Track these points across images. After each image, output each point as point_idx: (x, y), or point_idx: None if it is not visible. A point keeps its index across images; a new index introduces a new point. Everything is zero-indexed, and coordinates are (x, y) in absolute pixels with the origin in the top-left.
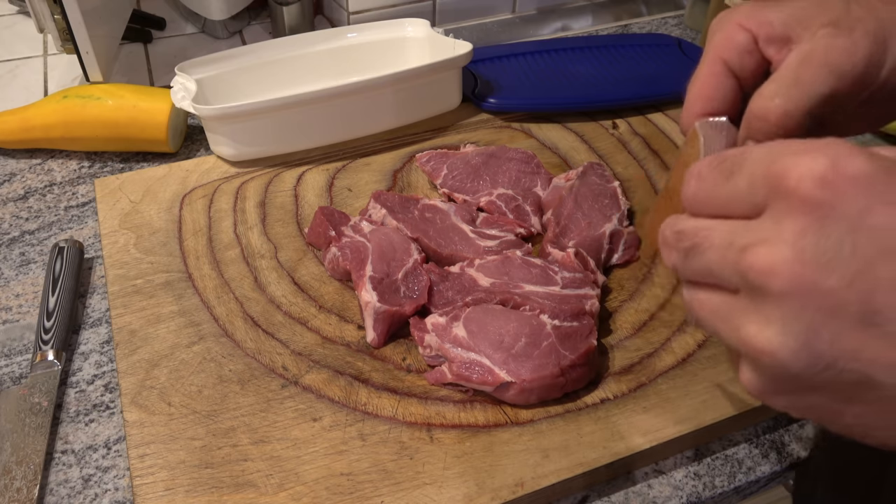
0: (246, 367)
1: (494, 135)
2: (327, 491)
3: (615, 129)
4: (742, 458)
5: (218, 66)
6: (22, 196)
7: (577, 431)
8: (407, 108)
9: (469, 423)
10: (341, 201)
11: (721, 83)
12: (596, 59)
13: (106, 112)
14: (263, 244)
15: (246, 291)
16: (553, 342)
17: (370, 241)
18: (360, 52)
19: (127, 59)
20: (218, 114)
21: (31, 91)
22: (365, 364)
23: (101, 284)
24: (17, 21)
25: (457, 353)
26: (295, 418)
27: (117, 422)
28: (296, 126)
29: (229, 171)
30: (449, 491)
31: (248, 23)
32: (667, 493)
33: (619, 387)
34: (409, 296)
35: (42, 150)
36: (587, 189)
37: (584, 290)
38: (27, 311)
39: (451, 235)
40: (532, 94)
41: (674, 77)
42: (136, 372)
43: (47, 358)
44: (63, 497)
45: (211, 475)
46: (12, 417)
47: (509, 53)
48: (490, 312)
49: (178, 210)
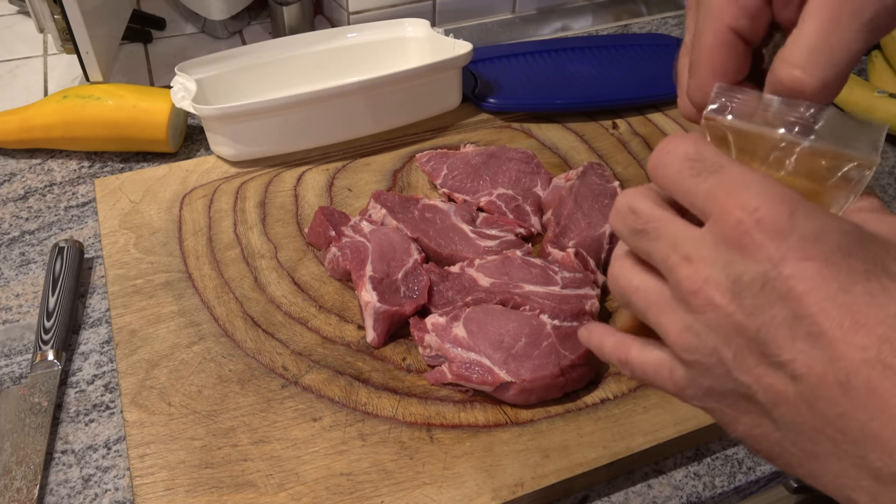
0: (246, 367)
1: (494, 135)
2: (327, 491)
3: (615, 129)
4: (742, 458)
5: (218, 66)
6: (22, 196)
7: (577, 431)
8: (407, 108)
9: (469, 423)
10: (341, 201)
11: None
12: (596, 59)
13: (106, 112)
14: (263, 244)
15: (246, 291)
16: (553, 342)
17: (370, 241)
18: (360, 52)
19: (127, 59)
20: (218, 114)
21: (31, 91)
22: (365, 364)
23: (101, 284)
24: (17, 21)
25: (457, 353)
26: (295, 418)
27: (117, 422)
28: (296, 126)
29: (229, 171)
30: (449, 491)
31: (248, 23)
32: (667, 493)
33: (619, 387)
34: (409, 296)
35: (42, 150)
36: (587, 189)
37: (584, 290)
38: (27, 311)
39: (451, 235)
40: (532, 94)
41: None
42: (136, 372)
43: (47, 358)
44: (63, 497)
45: (211, 475)
46: (12, 417)
47: (509, 53)
48: (490, 312)
49: (178, 210)
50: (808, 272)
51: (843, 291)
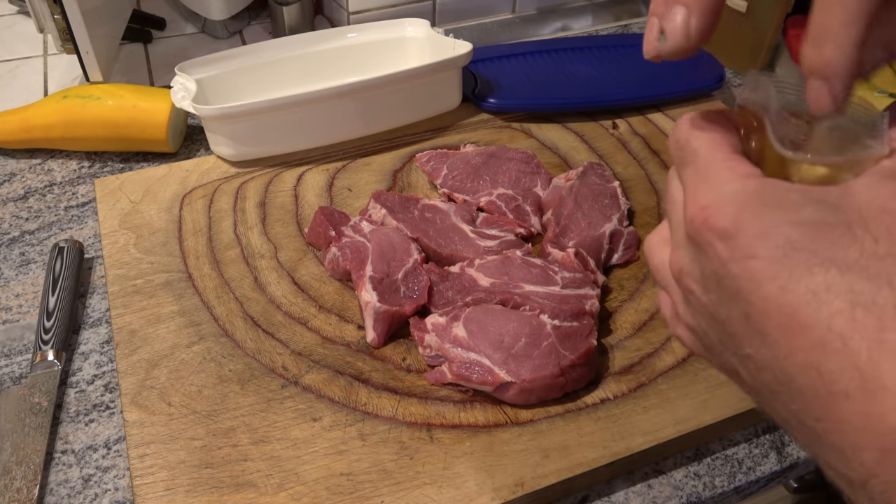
0: (246, 367)
1: (494, 135)
2: (327, 491)
3: (615, 129)
4: (742, 458)
5: (218, 66)
6: (22, 196)
7: (577, 431)
8: (407, 108)
9: (469, 423)
10: (341, 201)
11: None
12: (596, 59)
13: (106, 112)
14: (263, 244)
15: (246, 291)
16: (553, 342)
17: (370, 241)
18: (360, 52)
19: (127, 59)
20: (218, 114)
21: (31, 91)
22: (365, 364)
23: (101, 284)
24: (17, 21)
25: (457, 353)
26: (295, 418)
27: (117, 422)
28: (296, 126)
29: (229, 171)
30: (449, 491)
31: (248, 23)
32: (667, 493)
33: (619, 387)
34: (409, 296)
35: (42, 150)
36: (587, 189)
37: (584, 290)
38: (27, 311)
39: (451, 235)
40: (532, 94)
41: (674, 77)
42: (136, 372)
43: (47, 358)
44: (63, 497)
45: (211, 475)
46: (12, 417)
47: (509, 53)
48: (490, 312)
49: (178, 210)
50: (751, 272)
51: (785, 291)
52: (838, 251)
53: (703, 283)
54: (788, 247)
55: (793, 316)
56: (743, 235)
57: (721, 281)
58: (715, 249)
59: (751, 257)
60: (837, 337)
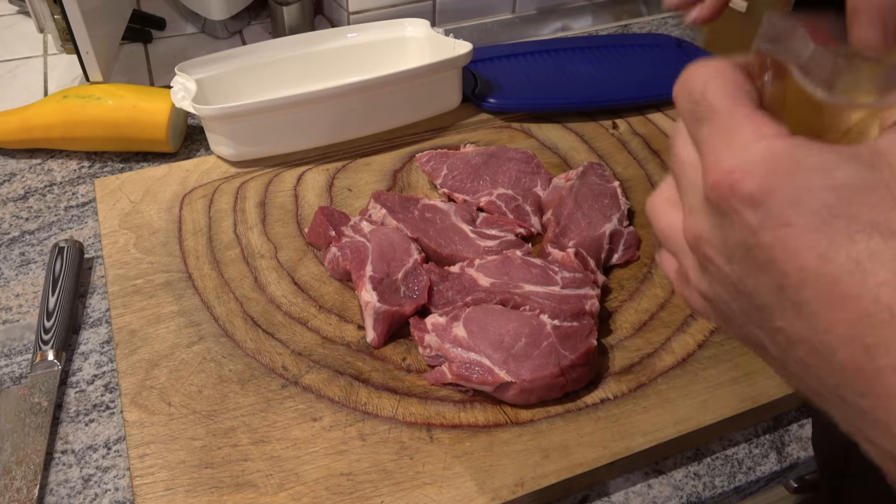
0: (246, 367)
1: (494, 135)
2: (327, 491)
3: (615, 129)
4: (742, 458)
5: (218, 66)
6: (22, 196)
7: (577, 431)
8: (407, 108)
9: (469, 423)
10: (341, 201)
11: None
12: (596, 59)
13: (106, 112)
14: (263, 244)
15: (246, 291)
16: (553, 342)
17: (370, 241)
18: (360, 52)
19: (127, 59)
20: (218, 114)
21: (31, 91)
22: (365, 364)
23: (101, 284)
24: (17, 21)
25: (457, 353)
26: (295, 418)
27: (117, 422)
28: (296, 126)
29: (229, 171)
30: (449, 491)
31: (248, 23)
32: (667, 493)
33: (619, 387)
34: (409, 296)
35: (42, 150)
36: (587, 189)
37: (584, 290)
38: (27, 311)
39: (451, 235)
40: (532, 94)
41: (674, 77)
42: (136, 372)
43: (47, 358)
44: (63, 497)
45: (211, 475)
46: (12, 417)
47: (509, 53)
48: (490, 312)
49: (178, 210)
50: (785, 241)
51: (825, 260)
52: (880, 215)
53: (726, 253)
54: (825, 212)
55: (833, 286)
56: (774, 202)
57: (750, 251)
58: (742, 217)
59: (784, 225)
60: (885, 308)
